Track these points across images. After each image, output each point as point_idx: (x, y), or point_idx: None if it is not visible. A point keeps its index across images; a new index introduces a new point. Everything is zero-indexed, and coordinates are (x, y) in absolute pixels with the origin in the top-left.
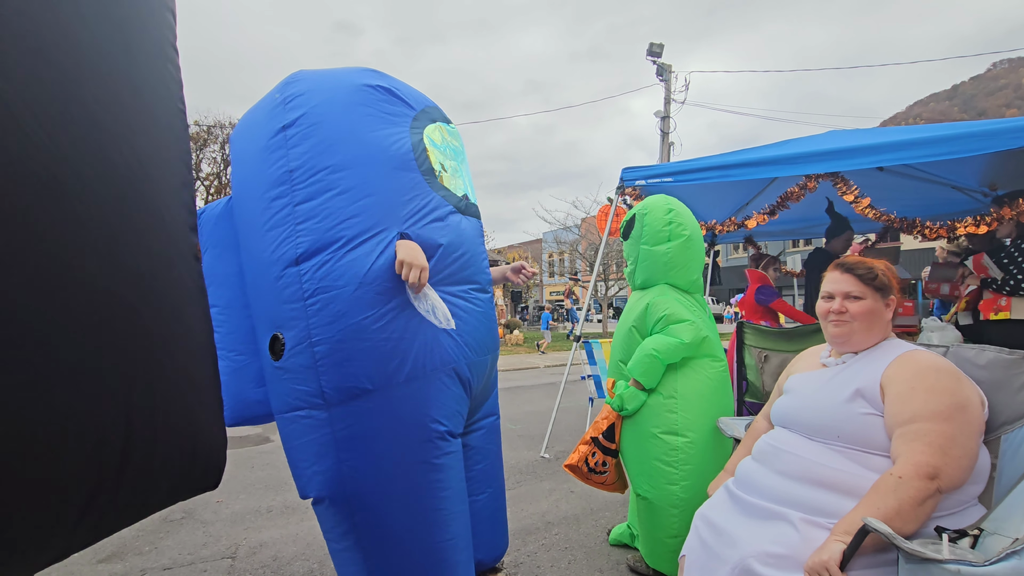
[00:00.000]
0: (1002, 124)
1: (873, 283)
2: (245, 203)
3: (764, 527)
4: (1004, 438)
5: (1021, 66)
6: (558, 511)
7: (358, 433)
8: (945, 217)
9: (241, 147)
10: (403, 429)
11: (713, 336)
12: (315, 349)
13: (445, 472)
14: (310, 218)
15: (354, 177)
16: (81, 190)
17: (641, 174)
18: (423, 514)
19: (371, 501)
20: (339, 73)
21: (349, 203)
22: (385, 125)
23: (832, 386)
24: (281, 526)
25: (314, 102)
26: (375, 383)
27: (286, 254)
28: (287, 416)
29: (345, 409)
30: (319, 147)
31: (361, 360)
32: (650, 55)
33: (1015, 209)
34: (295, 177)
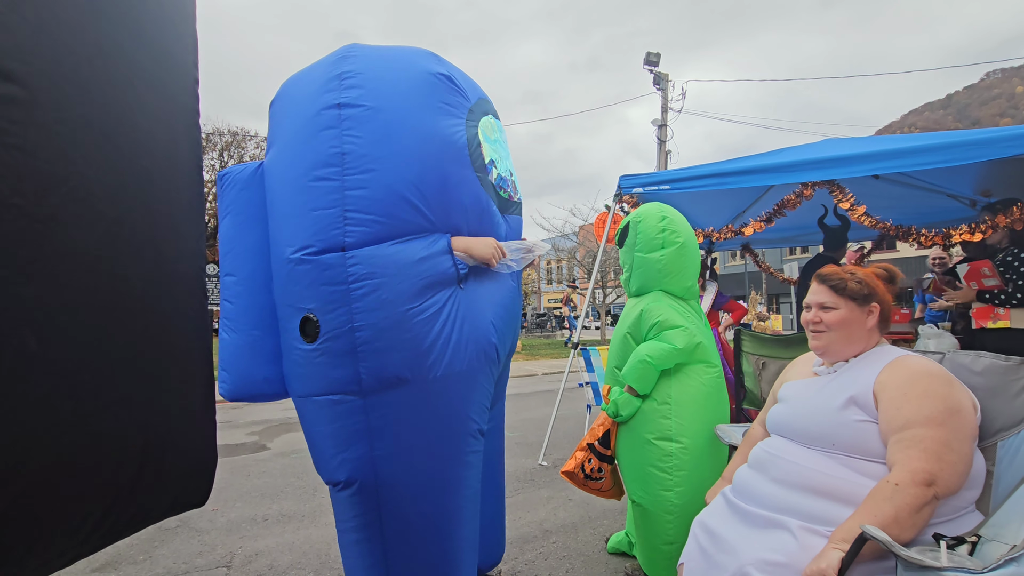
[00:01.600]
0: (996, 133)
1: (844, 292)
2: (283, 176)
3: (762, 535)
4: (1001, 444)
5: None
6: (556, 519)
7: (393, 422)
8: (940, 225)
9: (284, 116)
10: (438, 422)
11: (707, 342)
12: (357, 335)
13: (471, 470)
14: (362, 208)
15: (410, 170)
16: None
17: (639, 182)
18: (446, 510)
19: (400, 492)
20: (400, 54)
21: (404, 196)
22: (444, 116)
23: (825, 394)
24: (277, 535)
25: (374, 84)
26: (414, 373)
27: (332, 238)
28: (317, 400)
29: (381, 398)
30: (377, 134)
31: (402, 350)
32: (647, 64)
33: (1009, 217)
34: (346, 161)
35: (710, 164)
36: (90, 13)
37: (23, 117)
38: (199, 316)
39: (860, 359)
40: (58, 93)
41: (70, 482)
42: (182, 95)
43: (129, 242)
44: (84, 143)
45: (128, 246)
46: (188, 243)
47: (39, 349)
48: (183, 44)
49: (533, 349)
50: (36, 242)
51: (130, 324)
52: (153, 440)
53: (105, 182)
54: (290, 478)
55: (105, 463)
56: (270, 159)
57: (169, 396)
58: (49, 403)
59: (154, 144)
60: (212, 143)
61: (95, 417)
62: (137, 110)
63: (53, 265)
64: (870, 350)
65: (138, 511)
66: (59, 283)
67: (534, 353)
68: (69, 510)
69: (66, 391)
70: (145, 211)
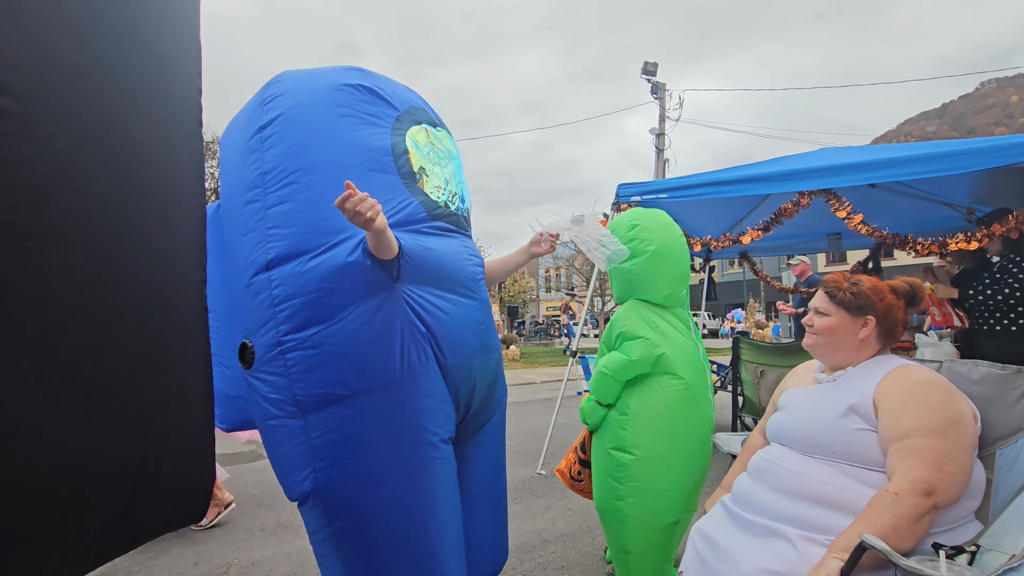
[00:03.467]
0: (991, 142)
1: (834, 300)
2: (227, 207)
3: (762, 544)
4: (999, 453)
5: (1009, 85)
6: (555, 528)
7: (334, 440)
8: (937, 233)
9: (226, 150)
10: (383, 435)
11: (675, 353)
12: (286, 356)
13: (432, 479)
14: (281, 223)
15: (327, 179)
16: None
17: (636, 190)
18: (408, 522)
19: (350, 508)
20: (321, 72)
21: (323, 205)
22: (363, 125)
23: (825, 402)
24: (274, 544)
25: (291, 102)
26: (350, 388)
27: (257, 259)
28: (266, 424)
29: (320, 416)
30: (293, 149)
31: (334, 366)
32: (645, 74)
33: (1005, 225)
34: (268, 180)
35: (708, 173)
36: (89, 22)
37: (16, 131)
38: (199, 332)
39: (860, 368)
40: (54, 105)
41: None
42: (184, 105)
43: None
44: (80, 157)
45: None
46: (188, 256)
47: (30, 370)
48: (186, 53)
49: (532, 357)
50: (28, 261)
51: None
52: (149, 460)
53: (102, 197)
54: None
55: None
56: (221, 194)
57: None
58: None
59: (154, 156)
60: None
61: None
62: (136, 121)
63: (46, 284)
64: (871, 359)
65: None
66: (52, 303)
67: (533, 361)
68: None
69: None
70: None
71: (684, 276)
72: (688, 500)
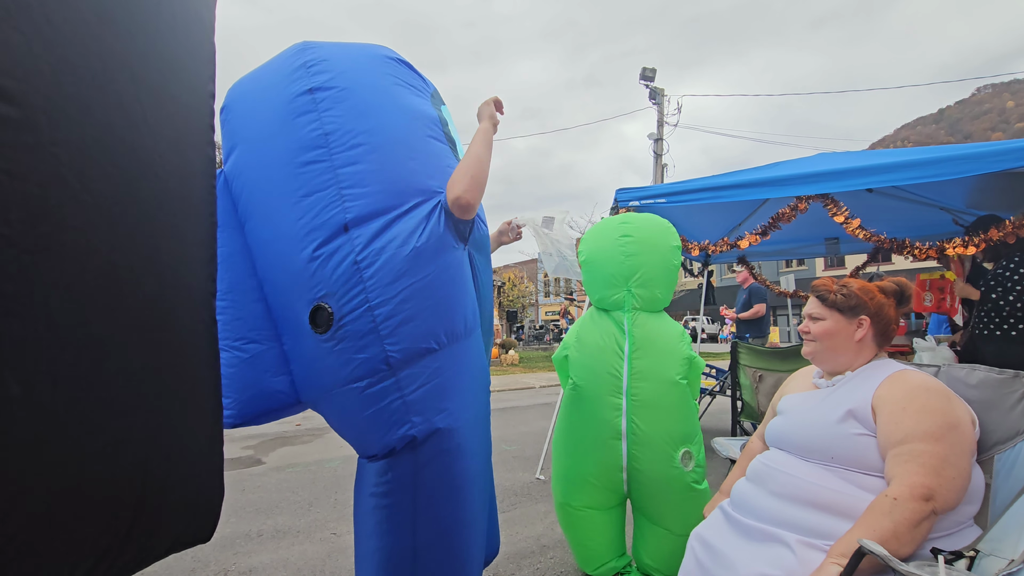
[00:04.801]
0: (987, 147)
1: (825, 302)
2: (262, 172)
3: (761, 549)
4: (997, 458)
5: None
6: (553, 534)
7: (429, 392)
8: (934, 238)
9: (247, 116)
10: (469, 381)
11: (579, 356)
12: (375, 312)
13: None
14: (356, 182)
15: (396, 141)
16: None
17: (635, 195)
18: (476, 470)
19: (437, 452)
20: (355, 45)
21: (396, 165)
22: (413, 95)
23: (824, 407)
24: (272, 550)
25: (340, 67)
26: (440, 341)
27: (332, 220)
28: (343, 390)
29: (412, 370)
30: (355, 111)
31: (425, 318)
32: (643, 79)
33: (1001, 230)
34: (332, 140)
35: (706, 178)
36: (96, 24)
37: (14, 139)
38: (209, 347)
39: (858, 372)
40: (56, 112)
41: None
42: (195, 111)
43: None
44: (82, 166)
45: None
46: (197, 268)
47: (22, 393)
48: (199, 56)
49: (530, 362)
50: (23, 276)
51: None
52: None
53: (105, 209)
54: (285, 493)
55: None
56: (237, 162)
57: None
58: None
59: (163, 165)
60: None
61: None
62: (144, 128)
63: (41, 301)
64: (869, 363)
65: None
66: (47, 320)
67: (531, 366)
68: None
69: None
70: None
71: (612, 279)
72: (568, 488)
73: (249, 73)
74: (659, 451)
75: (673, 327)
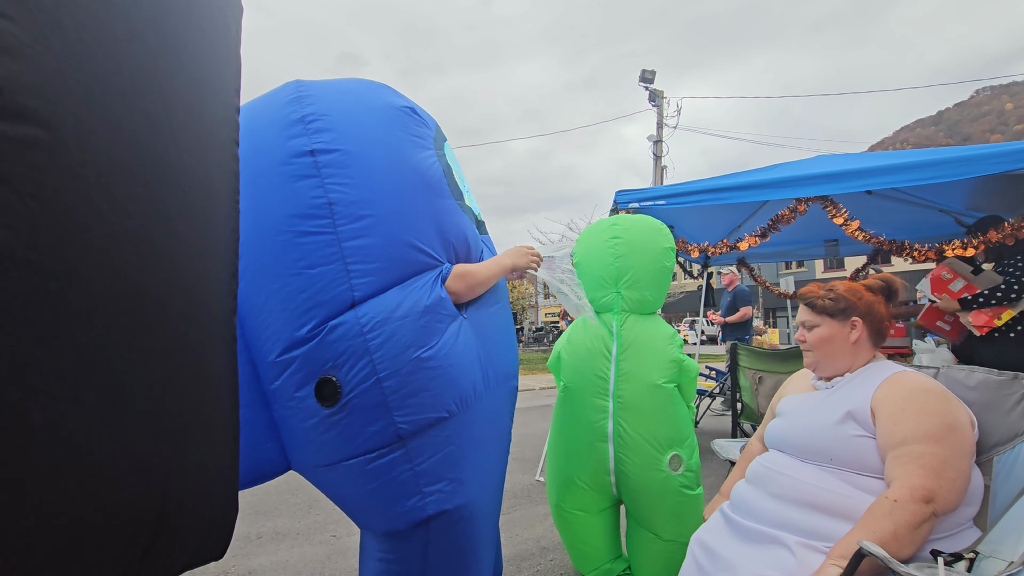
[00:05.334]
0: (986, 149)
1: (816, 309)
2: (255, 236)
3: (760, 551)
4: (997, 459)
5: (1003, 93)
6: (553, 536)
7: (440, 462)
8: (933, 240)
9: None
10: (484, 445)
11: (569, 358)
12: (384, 385)
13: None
14: (364, 259)
15: (402, 210)
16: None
17: (634, 197)
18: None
19: (450, 521)
20: (357, 89)
21: (404, 238)
22: (418, 149)
23: (823, 409)
24: (271, 552)
25: (343, 126)
26: (451, 408)
27: (338, 296)
28: (348, 464)
29: (422, 440)
30: (360, 177)
31: (435, 388)
32: (642, 81)
33: (1001, 232)
34: (337, 211)
35: (705, 180)
36: (126, 42)
37: (43, 162)
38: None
39: (857, 374)
40: (85, 133)
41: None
42: (222, 127)
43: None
44: (110, 187)
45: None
46: (220, 286)
47: (44, 420)
48: (226, 70)
49: (530, 364)
50: (49, 302)
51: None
52: (171, 503)
53: (132, 229)
54: (284, 495)
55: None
56: None
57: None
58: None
59: (189, 183)
60: None
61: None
62: (171, 145)
63: (66, 326)
64: (867, 365)
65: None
66: (71, 346)
67: (531, 368)
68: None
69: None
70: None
71: (602, 281)
72: (560, 490)
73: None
74: (645, 454)
75: (663, 330)
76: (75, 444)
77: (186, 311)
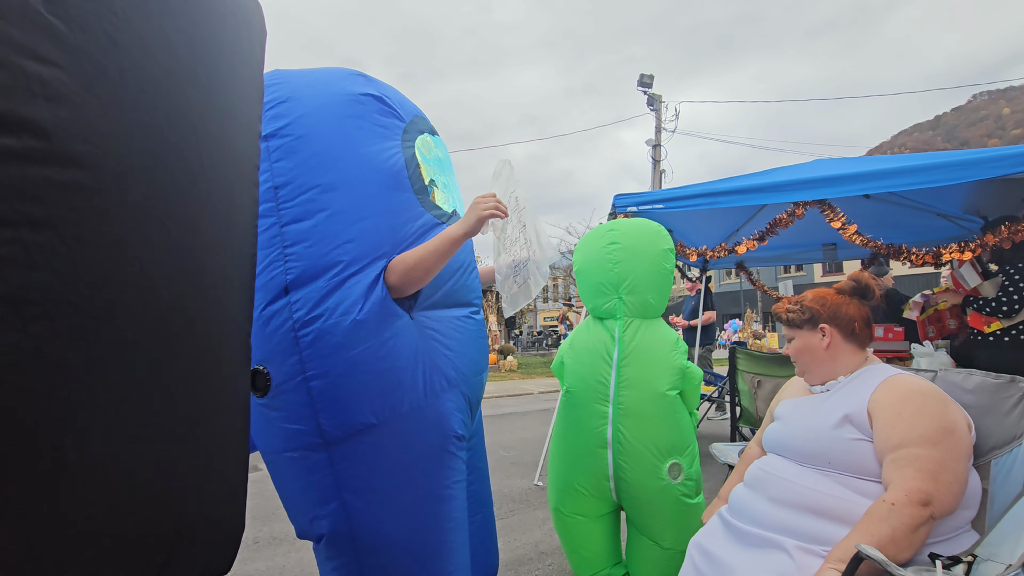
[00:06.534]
0: (984, 154)
1: (787, 322)
2: None
3: (759, 555)
4: (994, 462)
5: (1000, 98)
6: (552, 540)
7: (363, 471)
8: (931, 244)
9: None
10: (410, 462)
11: (572, 364)
12: (311, 384)
13: (452, 503)
14: (301, 241)
15: (348, 197)
16: None
17: (633, 200)
18: (430, 548)
19: (378, 540)
20: (326, 77)
21: (344, 226)
22: (378, 139)
23: (820, 412)
24: (268, 557)
25: (300, 111)
26: (379, 416)
27: (274, 280)
28: (281, 456)
29: (347, 447)
30: (309, 163)
31: (363, 393)
32: (641, 86)
33: (998, 236)
34: (281, 195)
35: (703, 183)
36: (163, 82)
37: (85, 204)
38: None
39: (854, 377)
40: (121, 171)
41: None
42: (245, 156)
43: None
44: (145, 225)
45: (178, 331)
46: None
47: (77, 458)
48: (250, 98)
49: (529, 368)
50: (87, 340)
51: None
52: (187, 525)
53: (163, 264)
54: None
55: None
56: None
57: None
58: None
59: (214, 214)
60: None
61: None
62: (201, 180)
63: (101, 362)
64: (864, 368)
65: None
66: (104, 381)
67: (530, 372)
68: None
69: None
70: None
71: (602, 288)
72: (560, 494)
73: None
74: (644, 462)
75: (667, 336)
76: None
77: (209, 343)
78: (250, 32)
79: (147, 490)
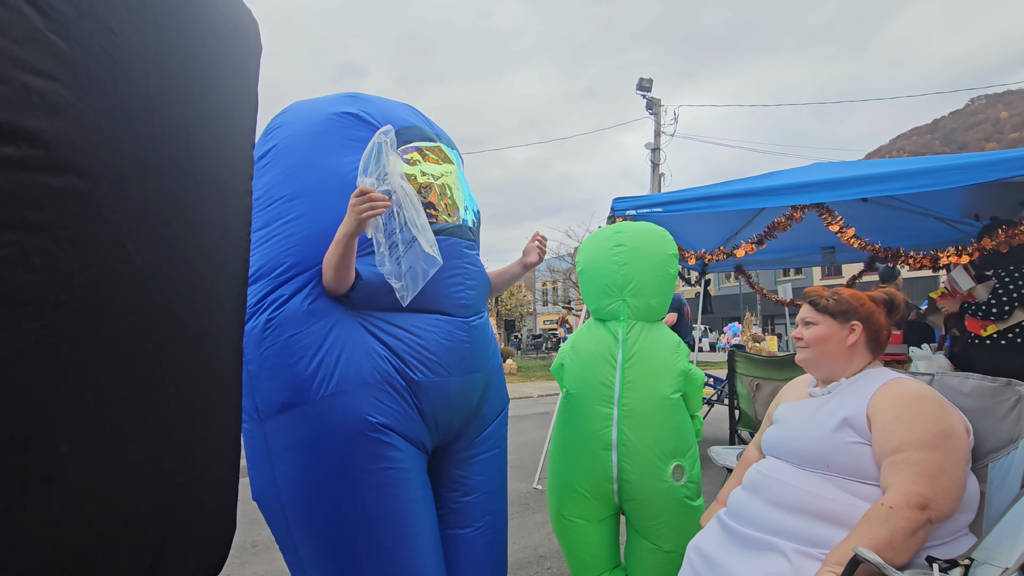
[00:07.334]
0: (981, 157)
1: (818, 308)
2: None
3: (757, 558)
4: (992, 466)
5: (998, 102)
6: (551, 544)
7: (289, 446)
8: (928, 247)
9: None
10: (335, 444)
11: (573, 366)
12: (248, 368)
13: (393, 491)
14: (260, 244)
15: (305, 205)
16: None
17: (632, 204)
18: (370, 534)
19: (309, 516)
20: (319, 102)
21: (296, 231)
22: (348, 152)
23: (819, 416)
24: (266, 561)
25: (287, 132)
26: (299, 398)
27: None
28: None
29: (276, 423)
30: (280, 176)
31: (284, 376)
32: (640, 90)
33: (995, 239)
34: (256, 205)
35: (702, 187)
36: (158, 94)
37: (80, 210)
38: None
39: (853, 381)
40: (118, 180)
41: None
42: (238, 164)
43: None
44: (138, 230)
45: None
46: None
47: (70, 451)
48: (244, 110)
49: (528, 371)
50: (81, 339)
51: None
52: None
53: (157, 266)
54: None
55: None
56: None
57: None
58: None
59: (206, 220)
60: None
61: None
62: (194, 188)
63: (94, 361)
64: (863, 372)
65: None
66: (97, 379)
67: (529, 375)
68: None
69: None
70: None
71: (607, 289)
72: (561, 498)
73: None
74: (648, 464)
75: (669, 339)
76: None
77: (202, 344)
78: (245, 47)
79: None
